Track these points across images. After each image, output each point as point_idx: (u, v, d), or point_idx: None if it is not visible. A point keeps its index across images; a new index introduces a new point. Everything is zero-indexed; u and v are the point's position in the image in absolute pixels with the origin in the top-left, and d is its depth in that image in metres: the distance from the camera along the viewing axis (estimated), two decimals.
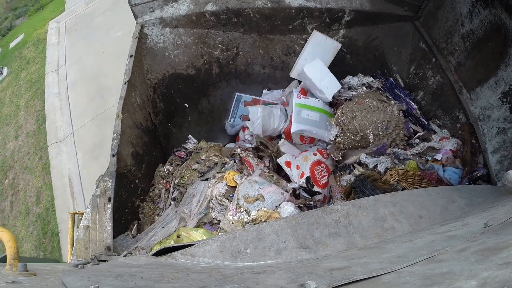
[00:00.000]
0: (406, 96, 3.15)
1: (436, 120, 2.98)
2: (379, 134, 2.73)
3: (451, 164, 2.62)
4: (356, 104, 2.86)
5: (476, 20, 2.40)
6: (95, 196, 1.94)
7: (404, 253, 1.12)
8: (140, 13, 2.78)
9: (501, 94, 2.31)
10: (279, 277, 1.09)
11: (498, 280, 0.72)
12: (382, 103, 2.86)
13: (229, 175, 2.69)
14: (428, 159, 2.71)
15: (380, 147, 2.74)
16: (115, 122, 2.28)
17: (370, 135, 2.73)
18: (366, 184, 2.38)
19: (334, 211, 1.55)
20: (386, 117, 2.74)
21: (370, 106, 2.81)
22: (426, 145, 2.76)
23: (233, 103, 3.40)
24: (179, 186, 2.83)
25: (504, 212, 1.28)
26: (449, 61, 2.75)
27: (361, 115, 2.77)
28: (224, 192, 2.61)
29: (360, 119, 2.75)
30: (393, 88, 3.15)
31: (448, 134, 2.83)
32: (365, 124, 2.74)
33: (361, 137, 2.77)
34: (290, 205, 2.50)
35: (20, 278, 0.97)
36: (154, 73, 3.02)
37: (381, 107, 2.80)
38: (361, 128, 2.75)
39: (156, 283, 1.06)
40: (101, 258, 1.49)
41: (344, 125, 2.81)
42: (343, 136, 2.83)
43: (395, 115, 2.79)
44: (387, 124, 2.73)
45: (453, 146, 2.66)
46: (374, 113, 2.76)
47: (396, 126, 2.74)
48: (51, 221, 4.33)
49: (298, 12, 2.90)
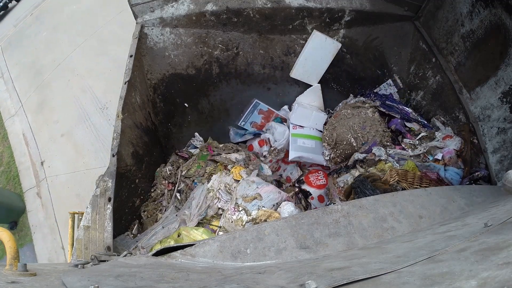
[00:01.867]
0: (399, 103, 3.21)
1: (440, 117, 2.97)
2: (358, 136, 2.90)
3: (453, 164, 2.62)
4: (334, 118, 3.11)
5: (476, 20, 2.40)
6: (95, 196, 1.94)
7: (404, 253, 1.12)
8: (140, 13, 2.78)
9: (501, 94, 2.31)
10: (279, 277, 1.09)
11: (498, 280, 0.72)
12: (356, 109, 3.05)
13: (236, 169, 2.78)
14: (429, 159, 2.71)
15: (372, 144, 2.85)
16: (115, 122, 2.28)
17: (351, 139, 2.92)
18: (366, 184, 2.39)
19: (334, 211, 1.55)
20: (360, 119, 2.95)
21: (345, 115, 3.04)
22: (428, 145, 2.77)
23: (250, 108, 3.44)
24: (186, 177, 2.89)
25: (504, 212, 1.28)
26: (449, 61, 2.75)
27: (339, 125, 3.01)
28: (231, 184, 2.68)
29: (339, 128, 3.00)
30: (384, 101, 3.23)
31: (451, 132, 2.82)
32: (344, 131, 2.96)
33: (346, 144, 2.94)
34: (290, 204, 2.51)
35: (20, 278, 0.97)
36: (154, 73, 3.02)
37: (355, 113, 3.01)
38: (342, 136, 2.95)
39: (156, 283, 1.06)
40: (101, 258, 1.49)
41: (330, 141, 3.01)
42: (335, 151, 3.00)
43: (370, 116, 2.97)
44: (362, 124, 2.92)
45: (456, 146, 2.65)
46: (349, 120, 2.99)
47: (372, 124, 2.91)
48: (12, 170, 5.47)
49: (298, 12, 2.90)
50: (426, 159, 2.72)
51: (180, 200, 2.83)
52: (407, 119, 3.05)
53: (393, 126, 3.02)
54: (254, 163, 3.00)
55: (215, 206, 2.60)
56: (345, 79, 3.40)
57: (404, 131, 2.99)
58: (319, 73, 3.27)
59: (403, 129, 3.00)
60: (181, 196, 2.85)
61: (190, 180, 2.89)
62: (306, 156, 3.09)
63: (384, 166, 2.72)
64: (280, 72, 3.32)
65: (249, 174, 2.76)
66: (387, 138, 2.92)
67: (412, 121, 3.04)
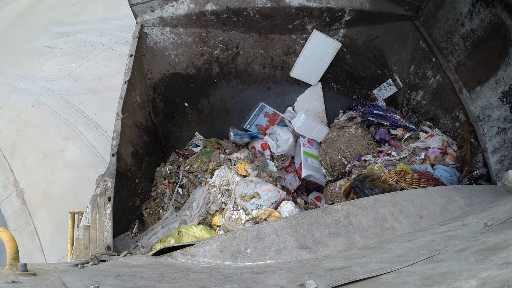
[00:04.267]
0: (387, 111, 3.29)
1: (426, 122, 3.05)
2: (346, 155, 3.11)
3: (439, 162, 2.65)
4: (324, 143, 3.31)
5: (476, 20, 2.40)
6: (95, 195, 1.94)
7: (404, 253, 1.12)
8: (140, 13, 2.78)
9: (501, 94, 2.31)
10: (279, 277, 1.09)
11: (498, 280, 0.72)
12: (341, 129, 3.24)
13: (241, 165, 2.82)
14: (417, 160, 2.75)
15: (359, 157, 3.03)
16: (115, 121, 2.28)
17: (342, 159, 3.12)
18: (365, 183, 2.39)
19: (334, 211, 1.55)
20: (345, 139, 3.17)
21: (332, 138, 3.24)
22: (412, 146, 2.85)
23: (255, 111, 3.45)
24: (189, 173, 2.93)
25: (504, 212, 1.28)
26: (449, 60, 2.75)
27: (329, 148, 3.22)
28: (232, 181, 2.73)
29: (330, 152, 3.20)
30: (371, 110, 3.31)
31: (436, 132, 2.88)
32: (334, 154, 3.17)
33: (339, 164, 3.13)
34: (290, 204, 2.52)
35: (20, 278, 0.97)
36: (154, 72, 3.02)
37: (340, 134, 3.22)
38: (334, 159, 3.16)
39: (156, 283, 1.06)
40: (101, 258, 1.49)
41: (326, 165, 3.23)
42: (331, 173, 3.20)
43: (353, 133, 3.16)
44: (348, 143, 3.12)
45: (437, 144, 2.69)
46: (336, 142, 3.21)
47: (356, 141, 3.12)
48: None
49: (298, 12, 2.90)
50: (414, 162, 2.75)
51: (182, 195, 2.85)
52: (395, 126, 3.16)
53: (377, 137, 3.17)
54: (260, 160, 3.04)
55: (219, 201, 2.63)
56: (345, 78, 3.40)
57: (388, 139, 3.11)
58: (319, 73, 3.27)
59: (387, 137, 3.13)
60: (183, 191, 2.87)
61: (193, 175, 2.93)
62: (315, 175, 3.22)
63: (373, 166, 2.82)
64: (280, 72, 3.31)
65: (254, 169, 2.80)
66: (373, 149, 3.07)
67: (399, 127, 3.14)
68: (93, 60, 5.52)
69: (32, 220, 4.07)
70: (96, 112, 4.84)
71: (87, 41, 5.88)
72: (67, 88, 5.24)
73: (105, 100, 4.90)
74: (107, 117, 4.63)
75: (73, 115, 4.85)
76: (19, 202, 4.28)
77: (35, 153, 4.61)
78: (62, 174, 4.29)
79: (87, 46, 5.80)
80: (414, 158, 2.82)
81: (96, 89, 5.10)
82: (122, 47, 5.50)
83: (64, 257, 3.60)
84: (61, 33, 6.22)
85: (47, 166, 4.41)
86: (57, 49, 5.94)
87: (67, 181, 4.22)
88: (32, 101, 5.23)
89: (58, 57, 5.78)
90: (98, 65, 5.42)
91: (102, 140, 4.49)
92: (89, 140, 4.53)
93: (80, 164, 4.32)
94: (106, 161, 4.09)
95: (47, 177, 4.32)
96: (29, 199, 4.25)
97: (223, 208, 2.60)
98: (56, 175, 4.31)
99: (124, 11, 5.63)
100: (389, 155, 2.96)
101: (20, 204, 4.27)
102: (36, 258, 3.76)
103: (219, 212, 2.60)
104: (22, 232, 4.02)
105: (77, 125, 4.72)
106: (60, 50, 5.90)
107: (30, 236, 3.95)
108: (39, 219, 4.05)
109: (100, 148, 4.43)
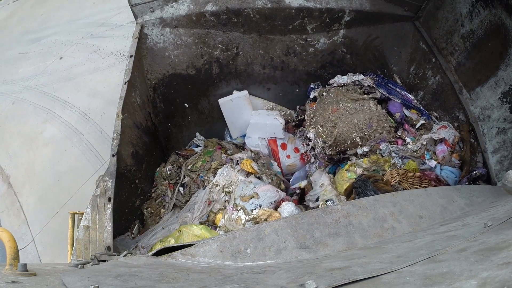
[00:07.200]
0: (402, 88, 3.12)
1: (433, 113, 2.98)
2: (365, 135, 2.71)
3: (447, 162, 2.63)
4: (332, 112, 2.81)
5: (476, 20, 2.40)
6: (95, 196, 1.93)
7: (404, 253, 1.12)
8: (140, 13, 2.78)
9: (501, 94, 2.32)
10: (279, 277, 1.09)
11: (498, 280, 0.72)
12: (357, 102, 2.80)
13: (247, 161, 2.86)
14: (426, 157, 2.72)
15: (381, 140, 2.76)
16: (115, 122, 2.28)
17: (357, 138, 2.70)
18: (368, 185, 2.38)
19: (334, 211, 1.55)
20: (366, 115, 2.71)
21: (347, 110, 2.76)
22: (424, 138, 2.75)
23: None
24: (192, 171, 2.95)
25: (504, 212, 1.28)
26: (449, 61, 2.75)
27: (341, 122, 2.73)
28: (235, 180, 2.74)
29: (342, 126, 2.72)
30: (385, 83, 3.12)
31: (447, 123, 2.82)
32: (348, 130, 2.71)
33: (349, 143, 2.76)
34: (290, 204, 2.53)
35: (20, 278, 0.97)
36: (154, 73, 3.02)
37: (358, 107, 2.76)
38: (345, 135, 2.71)
39: (156, 283, 1.06)
40: (101, 258, 1.49)
41: (329, 139, 2.76)
42: (333, 148, 2.81)
43: (374, 110, 2.75)
44: (369, 122, 2.68)
45: (450, 137, 2.66)
46: (353, 116, 2.72)
47: (378, 120, 2.71)
48: None
49: (298, 12, 2.90)
50: (424, 160, 2.73)
51: (184, 195, 2.85)
52: (408, 106, 2.97)
53: (397, 114, 2.83)
54: (265, 159, 3.05)
55: (222, 199, 2.63)
56: None
57: (404, 118, 2.92)
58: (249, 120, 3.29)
59: (403, 115, 2.89)
60: (184, 190, 2.87)
61: (195, 174, 2.94)
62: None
63: (375, 157, 2.66)
64: (280, 72, 3.32)
65: (260, 167, 2.84)
66: (393, 134, 2.76)
67: (412, 108, 2.97)
68: (64, 55, 6.21)
69: (17, 199, 4.39)
70: (69, 95, 5.38)
71: (57, 41, 6.56)
72: (43, 82, 5.78)
73: (76, 84, 5.53)
74: (79, 96, 5.29)
75: (49, 102, 5.38)
76: (6, 186, 4.57)
77: (17, 139, 5.01)
78: (43, 151, 4.75)
79: (58, 45, 6.47)
80: (424, 154, 2.70)
81: (68, 77, 5.71)
82: (89, 40, 6.29)
83: (46, 224, 3.98)
84: (33, 39, 6.86)
85: (29, 148, 4.87)
86: (31, 53, 6.52)
87: (46, 155, 4.68)
88: (12, 100, 5.66)
89: (32, 59, 6.35)
90: (68, 57, 6.10)
91: (76, 116, 5.04)
92: (65, 118, 5.06)
93: (58, 138, 4.82)
94: (81, 132, 4.65)
95: (30, 156, 4.76)
96: (14, 180, 4.59)
97: (225, 207, 2.61)
98: (37, 153, 4.77)
99: (88, 11, 6.79)
100: (404, 141, 2.74)
101: (6, 188, 4.56)
102: (22, 231, 4.03)
103: (223, 210, 2.61)
104: (9, 212, 4.30)
105: (53, 108, 5.24)
106: (33, 53, 6.50)
107: (16, 214, 4.24)
108: (24, 196, 4.37)
109: (74, 122, 4.95)
